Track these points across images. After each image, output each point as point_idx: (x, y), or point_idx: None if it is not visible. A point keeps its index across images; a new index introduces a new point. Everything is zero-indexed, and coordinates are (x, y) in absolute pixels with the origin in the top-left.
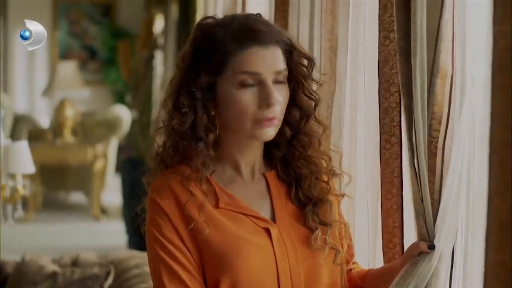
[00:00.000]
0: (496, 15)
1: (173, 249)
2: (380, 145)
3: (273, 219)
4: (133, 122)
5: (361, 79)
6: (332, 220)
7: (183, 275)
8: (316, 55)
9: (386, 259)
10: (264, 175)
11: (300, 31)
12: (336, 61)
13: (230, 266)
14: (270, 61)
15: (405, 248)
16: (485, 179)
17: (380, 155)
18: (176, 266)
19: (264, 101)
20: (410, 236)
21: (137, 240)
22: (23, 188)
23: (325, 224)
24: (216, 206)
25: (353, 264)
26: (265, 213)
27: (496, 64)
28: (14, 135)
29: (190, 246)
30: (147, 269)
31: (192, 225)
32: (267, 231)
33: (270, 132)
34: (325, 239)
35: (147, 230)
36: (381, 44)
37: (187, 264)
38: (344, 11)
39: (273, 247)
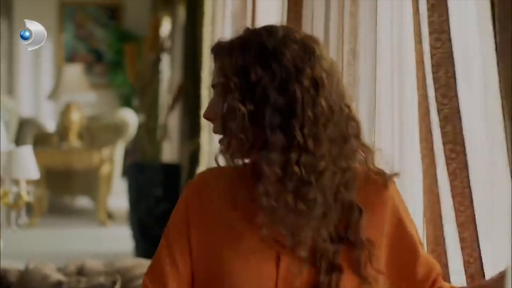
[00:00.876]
0: None
1: (172, 241)
2: (445, 155)
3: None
4: (140, 126)
5: (385, 83)
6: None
7: (168, 269)
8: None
9: (468, 275)
10: None
11: (314, 33)
12: (354, 64)
13: (218, 281)
14: None
15: (484, 262)
16: None
17: (447, 165)
18: (164, 259)
19: None
20: (486, 250)
21: (143, 245)
22: (27, 195)
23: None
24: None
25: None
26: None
27: None
28: (19, 140)
29: (193, 244)
30: None
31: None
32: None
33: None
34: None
35: None
36: (432, 47)
37: (177, 259)
38: (368, 12)
39: (277, 277)
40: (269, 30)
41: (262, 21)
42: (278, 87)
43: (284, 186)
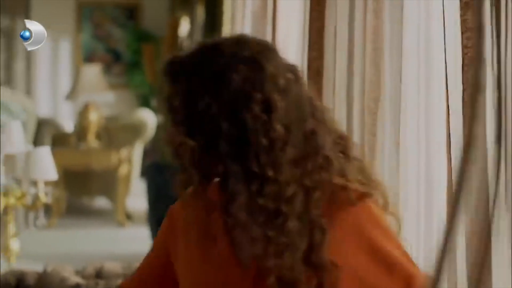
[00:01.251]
0: None
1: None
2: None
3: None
4: (158, 126)
5: (411, 81)
6: None
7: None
8: (357, 60)
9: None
10: None
11: (338, 34)
12: (381, 64)
13: None
14: None
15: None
16: None
17: None
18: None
19: None
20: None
21: None
22: (45, 196)
23: None
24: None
25: None
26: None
27: None
28: (37, 140)
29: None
30: None
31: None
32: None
33: None
34: None
35: None
36: (464, 46)
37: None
38: (393, 11)
39: None
40: (216, 49)
41: (283, 21)
42: (228, 116)
43: (256, 218)
